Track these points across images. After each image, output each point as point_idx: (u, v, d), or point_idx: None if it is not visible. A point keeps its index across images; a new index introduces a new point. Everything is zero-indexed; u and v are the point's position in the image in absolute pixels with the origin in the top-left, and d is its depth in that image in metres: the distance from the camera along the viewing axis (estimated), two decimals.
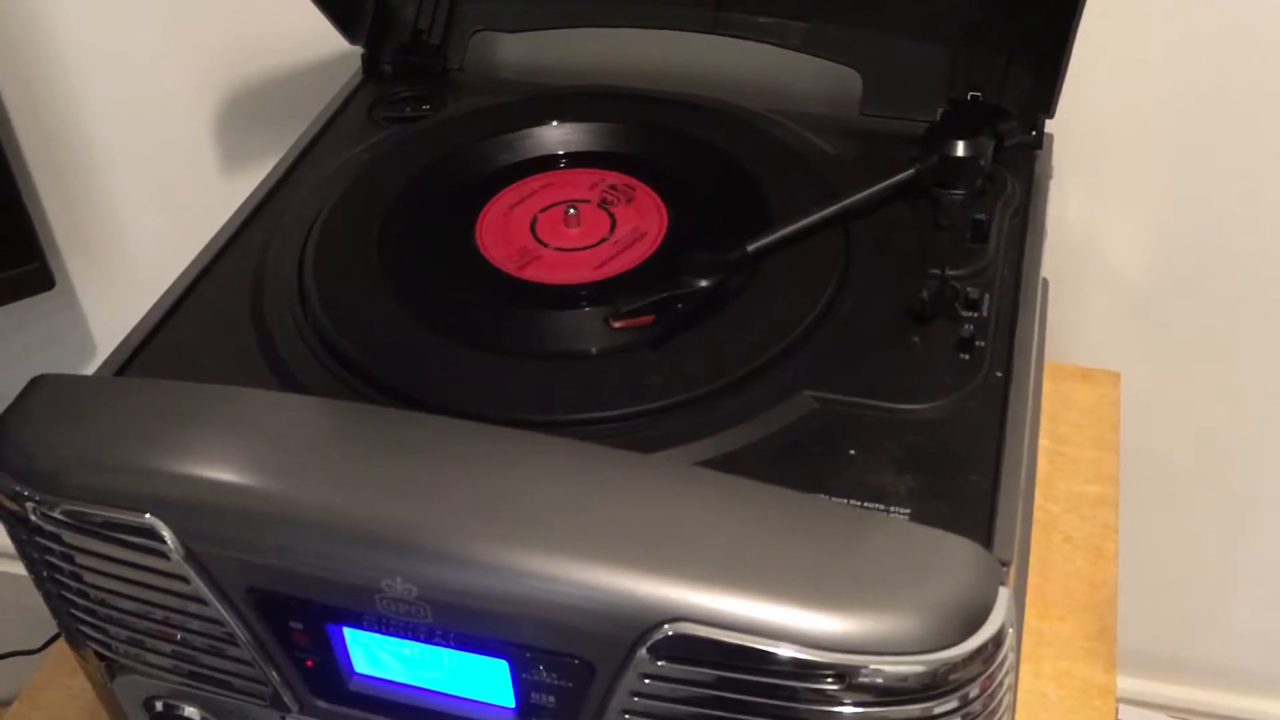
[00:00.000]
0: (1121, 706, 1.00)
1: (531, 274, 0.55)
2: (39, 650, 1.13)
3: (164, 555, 0.43)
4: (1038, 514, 0.66)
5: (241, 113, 0.88)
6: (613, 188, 0.59)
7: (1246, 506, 0.87)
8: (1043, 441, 0.70)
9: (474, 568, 0.40)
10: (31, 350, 1.06)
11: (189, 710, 0.50)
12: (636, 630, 0.39)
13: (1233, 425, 0.83)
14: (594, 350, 0.51)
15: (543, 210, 0.58)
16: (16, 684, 1.34)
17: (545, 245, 0.56)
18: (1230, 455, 0.84)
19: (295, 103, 0.83)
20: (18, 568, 1.35)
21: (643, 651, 0.39)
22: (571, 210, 0.57)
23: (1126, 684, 0.98)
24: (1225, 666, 0.98)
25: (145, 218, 0.96)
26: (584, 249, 0.56)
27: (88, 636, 0.49)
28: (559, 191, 0.60)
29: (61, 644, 0.64)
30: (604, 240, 0.56)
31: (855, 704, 0.39)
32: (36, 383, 0.48)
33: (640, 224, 0.57)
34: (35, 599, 1.36)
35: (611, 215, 0.58)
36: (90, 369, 0.50)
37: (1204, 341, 0.79)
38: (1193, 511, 0.88)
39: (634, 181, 0.60)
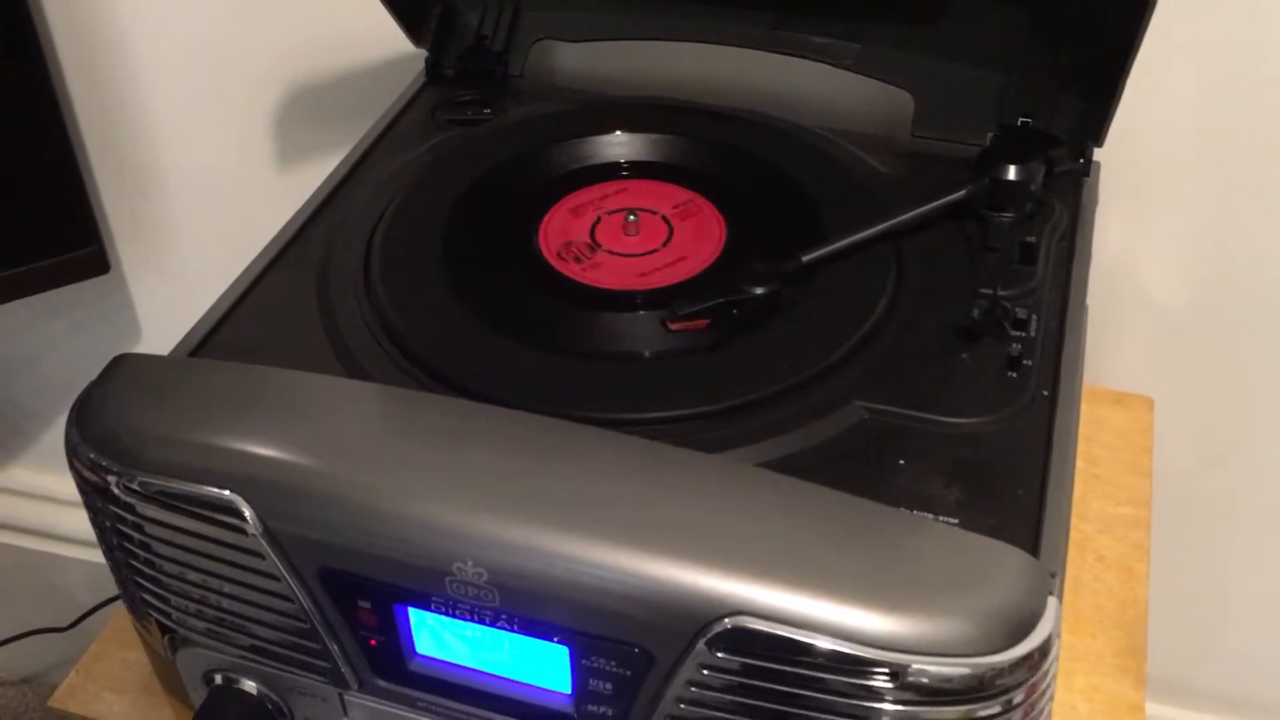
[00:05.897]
0: None
1: (579, 273, 0.56)
2: (68, 628, 1.15)
3: (242, 531, 0.44)
4: (1071, 533, 0.67)
5: (300, 110, 0.89)
6: (681, 203, 0.61)
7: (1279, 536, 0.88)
8: (1077, 463, 0.71)
9: (544, 556, 0.41)
10: (78, 331, 1.08)
11: (248, 684, 0.51)
12: (698, 623, 0.40)
13: (1267, 455, 0.83)
14: (650, 353, 0.52)
15: (607, 214, 0.60)
16: (44, 660, 1.36)
17: (599, 247, 0.58)
18: (1264, 485, 0.85)
19: (354, 103, 0.84)
20: (48, 545, 1.36)
21: (702, 644, 0.40)
22: (632, 217, 0.59)
23: (1154, 710, 0.98)
24: (1255, 696, 0.98)
25: (199, 209, 0.98)
26: (637, 256, 0.57)
27: (153, 607, 0.51)
28: (627, 199, 0.61)
29: (116, 618, 0.66)
30: (656, 250, 0.58)
31: (904, 703, 0.40)
32: (119, 361, 0.49)
33: (697, 238, 0.58)
34: (64, 578, 1.37)
35: (670, 226, 0.59)
36: (136, 351, 0.51)
37: (1238, 371, 0.80)
38: (1224, 540, 0.89)
39: (699, 197, 0.61)
